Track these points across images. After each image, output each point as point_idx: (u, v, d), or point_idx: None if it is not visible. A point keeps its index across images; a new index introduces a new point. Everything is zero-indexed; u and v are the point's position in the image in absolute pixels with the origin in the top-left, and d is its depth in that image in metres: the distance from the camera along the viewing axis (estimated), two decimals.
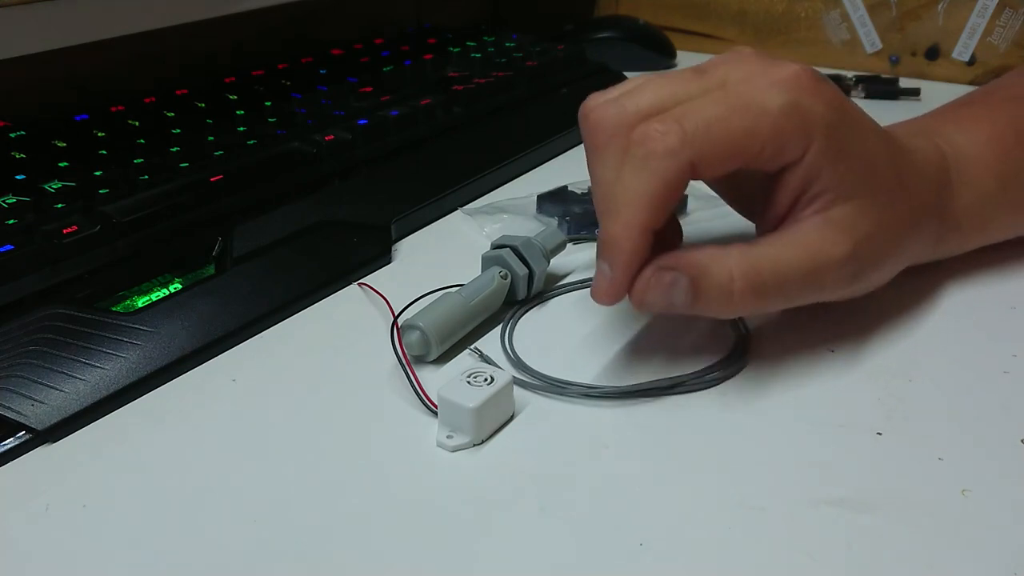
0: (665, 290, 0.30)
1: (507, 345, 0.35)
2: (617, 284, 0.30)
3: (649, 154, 0.29)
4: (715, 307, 0.30)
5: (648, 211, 0.29)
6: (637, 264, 0.30)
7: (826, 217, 0.31)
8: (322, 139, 0.46)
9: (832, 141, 0.30)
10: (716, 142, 0.29)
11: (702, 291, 0.30)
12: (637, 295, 0.30)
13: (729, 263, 0.30)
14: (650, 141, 0.29)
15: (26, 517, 0.26)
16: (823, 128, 0.30)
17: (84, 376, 0.31)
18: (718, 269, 0.30)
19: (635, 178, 0.29)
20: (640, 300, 0.30)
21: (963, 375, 0.32)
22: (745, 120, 0.29)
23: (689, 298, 0.30)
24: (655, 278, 0.30)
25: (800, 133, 0.30)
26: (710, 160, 0.30)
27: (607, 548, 0.25)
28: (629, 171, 0.30)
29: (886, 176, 0.32)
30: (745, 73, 0.31)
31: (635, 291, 0.30)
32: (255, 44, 0.64)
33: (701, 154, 0.29)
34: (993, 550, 0.25)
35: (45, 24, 0.50)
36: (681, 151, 0.29)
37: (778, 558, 0.25)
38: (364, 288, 0.39)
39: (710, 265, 0.30)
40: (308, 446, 0.29)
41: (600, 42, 0.75)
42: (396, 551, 0.25)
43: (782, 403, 0.31)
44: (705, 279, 0.30)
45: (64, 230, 0.35)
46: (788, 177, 0.31)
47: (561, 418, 0.31)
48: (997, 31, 0.68)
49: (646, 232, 0.30)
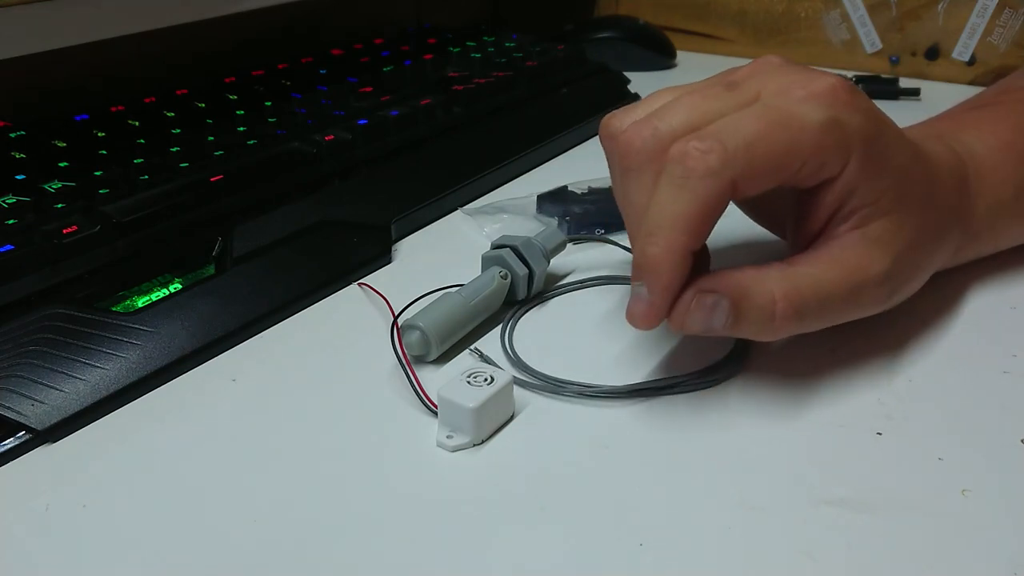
0: (706, 314, 0.29)
1: (507, 345, 0.35)
2: (656, 308, 0.29)
3: (689, 173, 0.28)
4: (756, 329, 0.30)
5: (689, 233, 0.28)
6: (677, 288, 0.29)
7: (864, 233, 0.30)
8: (322, 139, 0.46)
9: (870, 156, 0.30)
10: (758, 160, 0.28)
11: (743, 313, 0.29)
12: (677, 319, 0.29)
13: (770, 285, 0.29)
14: (690, 160, 0.28)
15: (26, 517, 0.26)
16: (861, 143, 0.29)
17: (84, 376, 0.31)
18: (760, 291, 0.29)
19: (675, 199, 0.28)
20: (680, 324, 0.29)
21: (963, 375, 0.32)
22: (786, 136, 0.29)
23: (730, 321, 0.29)
24: (696, 301, 0.29)
25: (840, 149, 0.29)
26: (752, 178, 0.29)
27: (607, 548, 0.25)
28: (667, 191, 0.29)
29: (919, 187, 0.32)
30: (780, 86, 0.30)
31: (675, 315, 0.29)
32: (255, 44, 0.64)
33: (743, 173, 0.28)
34: (993, 550, 0.25)
35: (45, 24, 0.50)
36: (723, 170, 0.28)
37: (778, 558, 0.25)
38: (364, 288, 0.39)
39: (751, 287, 0.29)
40: (308, 446, 0.29)
41: (600, 42, 0.75)
42: (396, 551, 0.25)
43: (782, 403, 0.31)
44: (747, 301, 0.29)
45: (64, 230, 0.35)
46: (824, 193, 0.30)
47: (561, 418, 0.31)
48: (997, 31, 0.68)
49: (687, 255, 0.29)
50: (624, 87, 0.66)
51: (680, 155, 0.28)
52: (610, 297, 0.39)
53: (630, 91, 0.65)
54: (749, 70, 0.32)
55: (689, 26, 0.81)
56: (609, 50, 0.74)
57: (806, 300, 0.29)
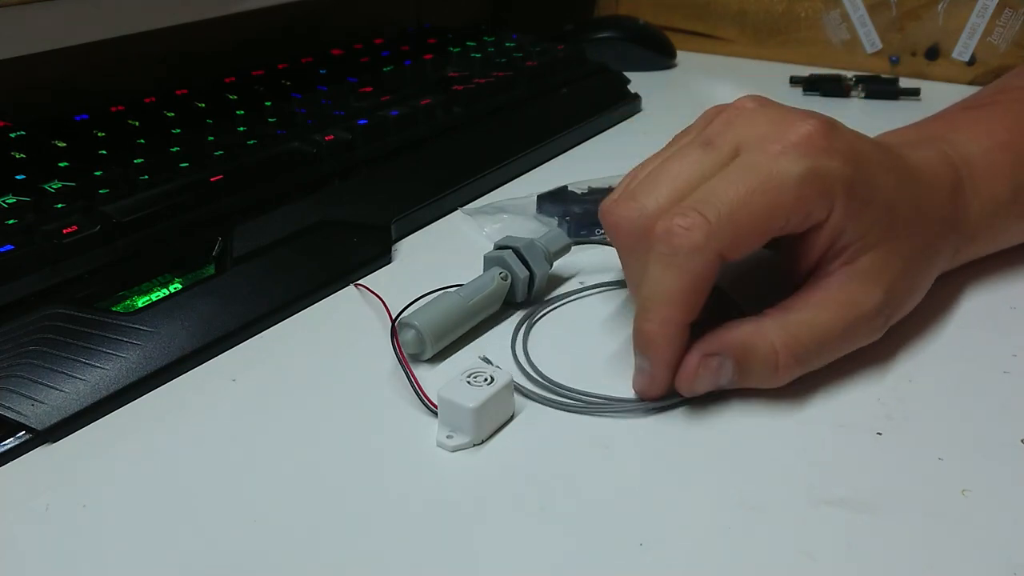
0: (712, 375, 0.30)
1: (518, 354, 0.34)
2: (658, 381, 0.30)
3: (675, 251, 0.29)
4: (760, 380, 0.30)
5: (681, 307, 0.29)
6: (676, 359, 0.30)
7: (854, 269, 0.31)
8: (322, 139, 0.46)
9: (853, 197, 0.30)
10: (741, 227, 0.29)
11: (748, 369, 0.30)
12: (685, 384, 0.30)
13: (771, 337, 0.30)
14: (675, 239, 0.29)
15: (26, 517, 0.26)
16: (843, 187, 0.30)
17: (84, 376, 0.31)
18: (761, 345, 0.30)
19: (664, 276, 0.29)
20: (689, 388, 0.30)
21: (963, 375, 0.32)
22: (767, 199, 0.29)
23: (736, 377, 0.30)
24: (703, 366, 0.30)
25: (822, 197, 0.30)
26: (737, 245, 0.29)
27: (607, 548, 0.25)
28: (656, 269, 0.29)
29: (906, 211, 0.32)
30: (756, 138, 0.30)
31: (682, 380, 0.30)
32: (255, 44, 0.64)
33: (728, 243, 0.29)
34: (993, 550, 0.25)
35: (45, 24, 0.50)
36: (707, 244, 0.29)
37: (778, 558, 0.25)
38: (361, 289, 0.39)
39: (753, 343, 0.30)
40: (308, 446, 0.29)
41: (600, 42, 0.75)
42: (396, 551, 0.25)
43: (782, 403, 0.31)
44: (750, 357, 0.30)
45: (64, 230, 0.35)
46: (813, 237, 0.31)
47: (561, 418, 0.31)
48: (997, 31, 0.68)
49: (681, 328, 0.29)
50: (624, 87, 0.66)
51: (665, 234, 0.29)
52: (616, 302, 0.39)
53: (630, 91, 0.65)
54: (724, 121, 0.32)
55: (689, 26, 0.81)
56: (609, 50, 0.74)
57: (805, 346, 0.30)
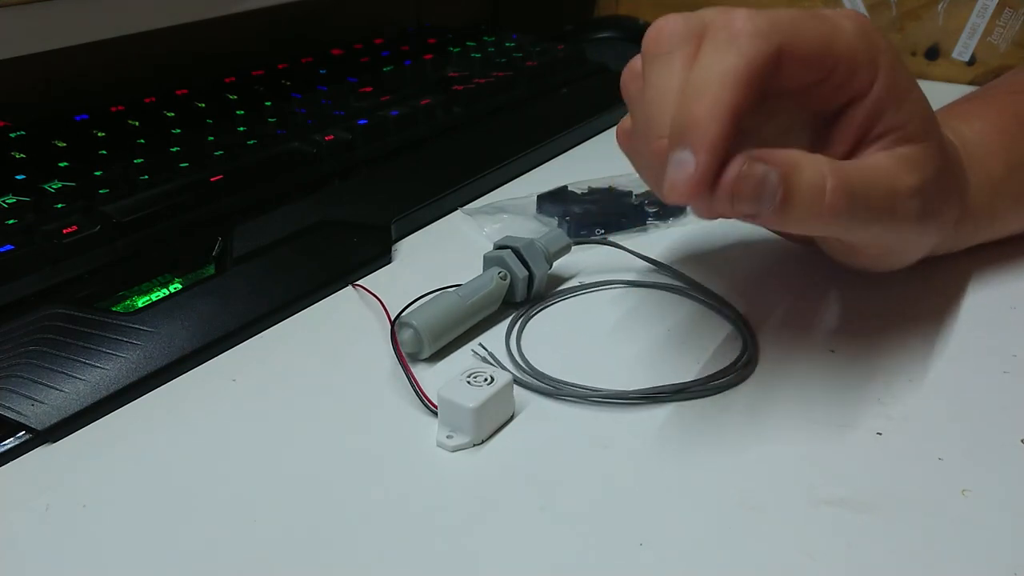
0: (755, 187, 0.26)
1: (512, 348, 0.35)
2: (703, 171, 0.26)
3: (736, 34, 0.27)
4: (804, 213, 0.27)
5: (737, 91, 0.26)
6: (724, 150, 0.26)
7: (894, 153, 0.30)
8: (322, 139, 0.46)
9: (895, 79, 0.30)
10: (801, 37, 0.28)
11: (795, 190, 0.27)
12: (725, 189, 0.26)
13: (821, 164, 0.27)
14: (736, 22, 0.27)
15: (26, 517, 0.26)
16: (888, 63, 0.29)
17: (84, 376, 0.31)
18: (811, 167, 0.27)
19: (720, 58, 0.27)
20: (727, 195, 0.26)
21: (963, 375, 0.32)
22: (825, 28, 0.28)
23: (779, 198, 0.27)
24: (748, 167, 0.26)
25: (870, 60, 0.29)
26: (795, 54, 0.28)
27: (607, 548, 0.25)
28: (711, 52, 0.27)
29: (937, 127, 0.32)
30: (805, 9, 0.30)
31: (723, 185, 0.26)
32: (255, 44, 0.64)
33: (789, 42, 0.27)
34: (993, 550, 0.25)
35: (45, 24, 0.50)
36: (771, 33, 0.27)
37: (778, 558, 0.25)
38: (359, 289, 0.39)
39: (803, 162, 0.27)
40: (308, 446, 0.29)
41: (600, 42, 0.75)
42: (396, 551, 0.25)
43: (782, 403, 0.31)
44: (798, 176, 0.27)
45: (64, 230, 0.35)
46: (853, 113, 0.30)
47: (561, 418, 0.31)
48: (997, 31, 0.68)
49: (735, 115, 0.26)
50: None
51: (725, 22, 0.27)
52: (616, 301, 0.39)
53: None
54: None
55: None
56: (609, 50, 0.74)
57: (854, 185, 0.28)
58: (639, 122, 0.30)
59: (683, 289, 0.39)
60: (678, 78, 0.27)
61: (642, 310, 0.37)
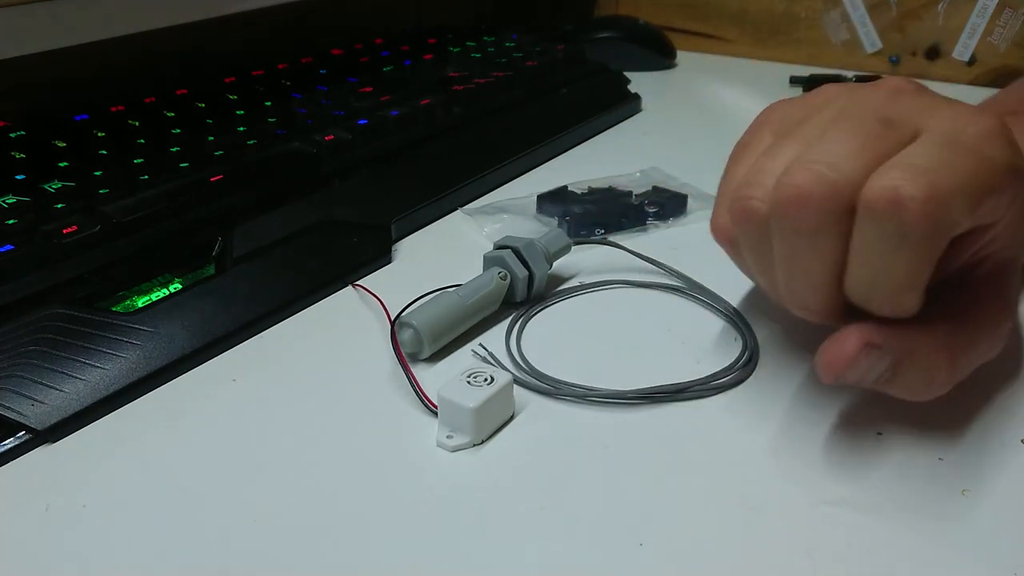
0: (868, 367, 0.26)
1: (511, 347, 0.35)
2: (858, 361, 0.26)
3: (908, 230, 0.24)
4: (908, 391, 0.27)
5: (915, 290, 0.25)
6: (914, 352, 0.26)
7: (996, 282, 0.29)
8: (322, 139, 0.46)
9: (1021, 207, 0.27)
10: (974, 200, 0.24)
11: (903, 375, 0.26)
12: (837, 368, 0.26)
13: (938, 356, 0.27)
14: (907, 213, 0.23)
15: (26, 517, 0.26)
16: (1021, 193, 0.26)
17: (84, 376, 0.31)
18: (927, 355, 0.27)
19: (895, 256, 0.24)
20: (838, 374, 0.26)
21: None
22: (991, 175, 0.25)
23: (886, 379, 0.26)
24: (864, 354, 0.26)
25: (1011, 192, 0.26)
26: (968, 220, 0.25)
27: (607, 548, 0.25)
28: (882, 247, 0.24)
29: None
30: (947, 121, 0.26)
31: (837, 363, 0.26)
32: (255, 44, 0.64)
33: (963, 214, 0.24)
34: (993, 550, 0.25)
35: (45, 24, 0.50)
36: (947, 218, 0.24)
37: (778, 558, 0.25)
38: (359, 289, 0.39)
39: (920, 349, 0.26)
40: (308, 446, 0.29)
41: (600, 42, 0.75)
42: (396, 551, 0.25)
43: (782, 403, 0.31)
44: (911, 364, 0.26)
45: (64, 230, 0.35)
46: (969, 240, 0.27)
47: (561, 418, 0.31)
48: (997, 31, 0.68)
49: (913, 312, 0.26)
50: (624, 87, 0.66)
51: (892, 203, 0.24)
52: (616, 301, 0.39)
53: (630, 91, 0.65)
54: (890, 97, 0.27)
55: (689, 26, 0.81)
56: (609, 50, 0.74)
57: (961, 369, 0.28)
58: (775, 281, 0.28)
59: (683, 289, 0.39)
60: (831, 264, 0.26)
61: (642, 310, 0.38)
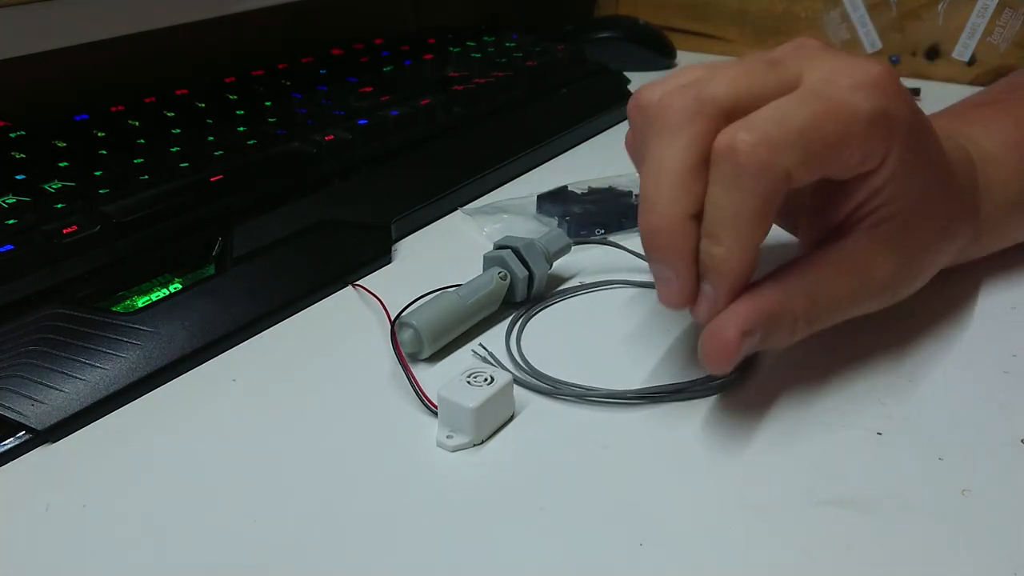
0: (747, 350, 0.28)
1: (511, 347, 0.35)
2: (719, 307, 0.28)
3: (740, 171, 0.27)
4: (774, 345, 0.29)
5: (752, 231, 0.27)
6: (742, 287, 0.28)
7: (877, 234, 0.30)
8: (322, 139, 0.46)
9: (908, 153, 0.29)
10: (811, 149, 0.27)
11: (770, 338, 0.29)
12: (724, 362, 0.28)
13: (793, 306, 0.29)
14: (740, 156, 0.27)
15: (26, 517, 0.26)
16: (902, 139, 0.28)
17: (84, 376, 0.31)
18: (786, 316, 0.29)
19: (731, 198, 0.27)
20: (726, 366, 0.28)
21: (963, 375, 0.32)
22: (839, 126, 0.27)
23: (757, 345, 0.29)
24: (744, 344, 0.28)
25: (884, 142, 0.28)
26: (804, 169, 0.27)
27: (607, 548, 0.25)
28: (720, 191, 0.27)
29: (938, 189, 0.31)
30: (825, 71, 0.29)
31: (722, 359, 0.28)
32: (255, 44, 0.64)
33: (795, 163, 0.27)
34: (993, 550, 0.25)
35: (45, 24, 0.50)
36: (775, 165, 0.27)
37: (778, 558, 0.25)
38: (359, 289, 0.39)
39: (780, 314, 0.29)
40: (308, 446, 0.29)
41: (600, 42, 0.75)
42: (396, 551, 0.25)
43: (782, 403, 0.31)
44: (774, 326, 0.29)
45: (64, 230, 0.35)
46: (853, 188, 0.29)
47: (561, 418, 0.31)
48: (997, 31, 0.68)
49: (753, 251, 0.28)
50: (624, 87, 0.66)
51: (728, 150, 0.27)
52: (616, 301, 0.39)
53: (630, 91, 0.65)
54: (789, 50, 0.30)
55: (689, 26, 0.81)
56: (609, 50, 0.74)
57: (820, 313, 0.30)
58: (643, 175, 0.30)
59: None
60: (680, 155, 0.28)
61: (642, 310, 0.37)
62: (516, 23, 0.83)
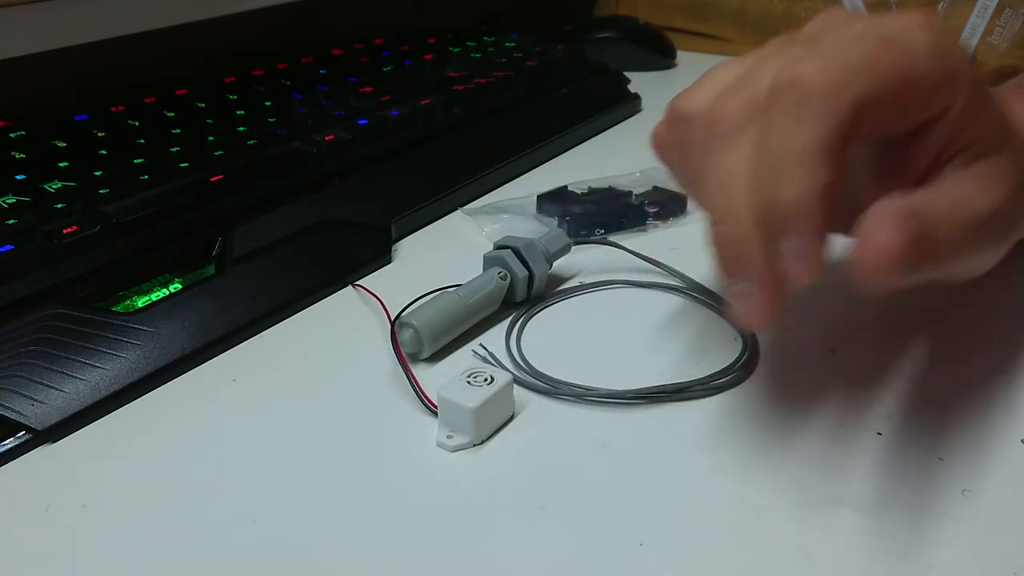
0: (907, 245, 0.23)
1: (511, 347, 0.35)
2: (816, 255, 0.24)
3: (807, 99, 0.24)
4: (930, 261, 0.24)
5: (826, 168, 0.23)
6: (826, 232, 0.24)
7: (972, 171, 0.27)
8: (322, 139, 0.46)
9: (975, 90, 0.26)
10: (875, 80, 0.24)
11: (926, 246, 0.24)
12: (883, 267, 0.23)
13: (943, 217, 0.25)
14: (804, 85, 0.24)
15: (26, 517, 0.26)
16: (967, 75, 0.26)
17: (84, 376, 0.31)
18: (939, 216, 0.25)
19: (797, 132, 0.24)
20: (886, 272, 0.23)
21: (963, 375, 0.32)
22: (901, 60, 0.24)
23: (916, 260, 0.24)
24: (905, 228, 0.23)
25: (950, 79, 0.25)
26: (872, 103, 0.24)
27: (607, 548, 0.25)
28: (784, 127, 0.24)
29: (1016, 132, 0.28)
30: (868, 23, 0.26)
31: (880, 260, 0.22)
32: (255, 44, 0.64)
33: (863, 93, 0.24)
34: (993, 550, 0.25)
35: (45, 24, 0.50)
36: (845, 91, 0.24)
37: (778, 558, 0.25)
38: (359, 289, 0.39)
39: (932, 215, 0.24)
40: (308, 446, 0.29)
41: (600, 42, 0.75)
42: (396, 551, 0.25)
43: (782, 403, 0.31)
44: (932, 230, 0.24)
45: (64, 230, 0.35)
46: (929, 135, 0.26)
47: (561, 418, 0.31)
48: (997, 31, 0.68)
49: (830, 192, 0.24)
50: (624, 87, 0.66)
51: (791, 81, 0.24)
52: (616, 301, 0.39)
53: (630, 91, 0.65)
54: (817, 24, 0.28)
55: (689, 26, 0.81)
56: (609, 50, 0.74)
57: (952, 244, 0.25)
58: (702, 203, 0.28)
59: (683, 289, 0.39)
60: (746, 162, 0.25)
61: (642, 310, 0.38)
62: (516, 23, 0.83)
